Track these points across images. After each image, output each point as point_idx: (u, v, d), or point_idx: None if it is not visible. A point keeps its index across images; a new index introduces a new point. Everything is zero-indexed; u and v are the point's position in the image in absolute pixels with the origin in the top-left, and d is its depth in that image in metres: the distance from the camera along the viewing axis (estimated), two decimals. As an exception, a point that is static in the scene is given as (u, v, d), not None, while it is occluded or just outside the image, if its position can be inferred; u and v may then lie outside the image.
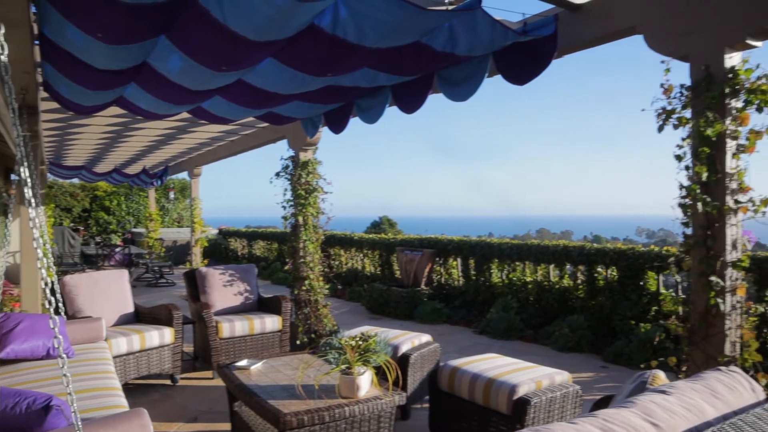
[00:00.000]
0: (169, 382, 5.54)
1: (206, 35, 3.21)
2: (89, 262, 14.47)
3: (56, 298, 4.47)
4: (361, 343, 3.51)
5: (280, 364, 4.16)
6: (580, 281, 7.42)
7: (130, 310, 5.76)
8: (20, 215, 5.61)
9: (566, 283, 7.60)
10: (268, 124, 6.80)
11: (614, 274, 6.97)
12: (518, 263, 8.27)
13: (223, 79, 4.06)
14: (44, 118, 6.68)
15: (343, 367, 3.47)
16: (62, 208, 19.84)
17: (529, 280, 8.04)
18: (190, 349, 6.43)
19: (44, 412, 2.43)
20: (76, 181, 18.14)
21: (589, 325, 6.80)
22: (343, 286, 11.20)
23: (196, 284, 6.34)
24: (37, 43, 3.71)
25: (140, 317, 5.79)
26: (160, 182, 14.39)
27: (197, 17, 2.98)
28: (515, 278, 8.21)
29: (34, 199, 2.26)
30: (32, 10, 3.19)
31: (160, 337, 5.32)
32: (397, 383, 3.62)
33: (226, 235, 17.83)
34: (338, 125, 5.84)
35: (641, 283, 6.60)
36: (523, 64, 3.84)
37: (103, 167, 13.11)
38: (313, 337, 6.58)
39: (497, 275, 8.58)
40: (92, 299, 5.48)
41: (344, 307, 9.88)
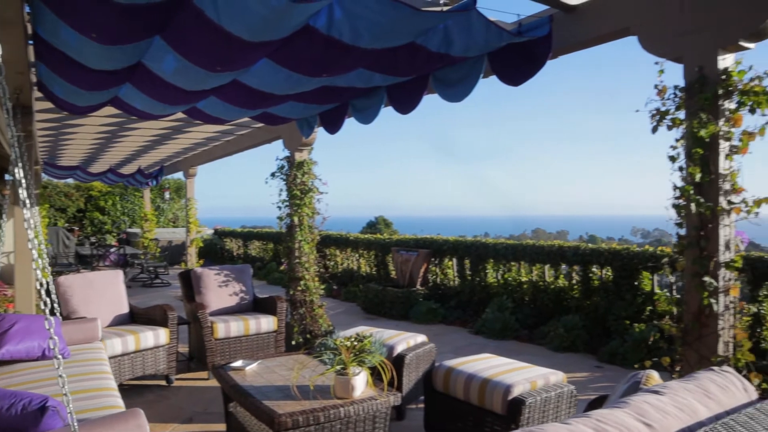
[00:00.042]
0: (164, 382, 5.53)
1: (201, 36, 3.21)
2: (84, 262, 14.42)
3: (51, 299, 4.47)
4: (356, 343, 3.52)
5: (275, 364, 4.16)
6: (575, 281, 7.45)
7: (125, 310, 5.75)
8: (14, 216, 5.59)
9: (561, 283, 7.62)
10: (263, 124, 6.80)
11: (609, 274, 6.99)
12: (513, 263, 8.28)
13: (218, 79, 4.06)
14: (38, 118, 6.66)
15: (338, 367, 3.47)
16: (57, 208, 19.77)
17: (524, 280, 8.06)
18: (185, 349, 6.42)
19: (40, 413, 2.42)
20: (70, 181, 18.07)
21: (584, 325, 6.82)
22: (338, 286, 11.20)
23: (191, 285, 6.33)
24: (31, 43, 3.70)
25: (135, 318, 5.78)
26: (155, 182, 14.35)
27: (192, 17, 2.98)
28: (510, 278, 8.23)
29: (28, 199, 2.25)
30: (26, 9, 3.18)
31: (155, 337, 5.31)
32: (392, 384, 3.62)
33: (221, 235, 17.78)
34: (333, 125, 5.84)
35: (636, 283, 6.63)
36: (518, 64, 3.86)
37: (97, 167, 13.07)
38: (308, 337, 6.58)
39: (492, 275, 8.60)
40: (87, 300, 5.47)
41: (340, 307, 9.88)
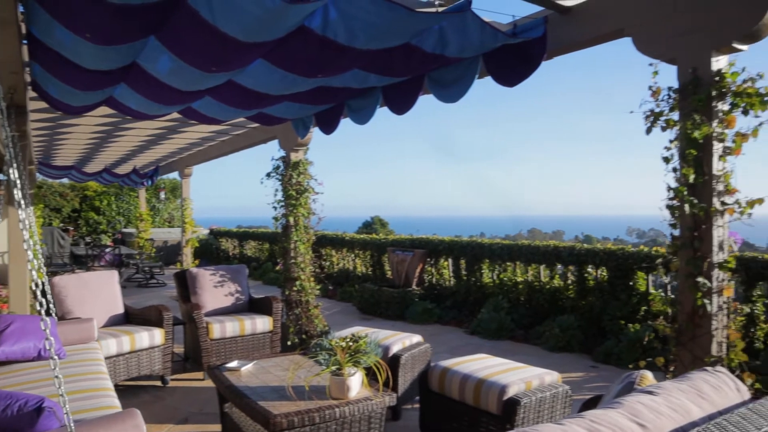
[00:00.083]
0: (159, 383, 5.52)
1: (196, 36, 3.21)
2: (79, 262, 14.38)
3: (47, 299, 4.46)
4: (351, 344, 3.52)
5: (270, 365, 4.16)
6: (570, 281, 7.47)
7: (120, 311, 5.73)
8: (9, 216, 5.57)
9: (557, 283, 7.64)
10: (258, 124, 6.79)
11: (604, 274, 7.02)
12: (509, 263, 8.30)
13: (213, 79, 4.06)
14: (33, 117, 6.64)
15: (333, 368, 3.47)
16: (52, 208, 19.69)
17: (519, 280, 8.07)
18: (180, 350, 6.40)
19: (36, 413, 2.41)
20: (65, 180, 18.02)
21: (579, 325, 6.84)
22: (334, 286, 11.19)
23: (186, 285, 6.31)
24: (25, 42, 3.69)
25: (130, 318, 5.76)
26: (150, 182, 14.32)
27: (187, 18, 2.97)
28: (506, 278, 8.24)
29: (23, 200, 2.24)
30: (20, 9, 3.17)
31: (150, 338, 5.30)
32: (387, 384, 3.62)
33: (217, 235, 17.74)
34: (329, 126, 5.85)
35: (631, 283, 6.65)
36: (513, 65, 3.88)
37: (93, 167, 13.03)
38: (304, 337, 6.57)
39: (488, 275, 8.61)
40: (82, 300, 5.45)
41: (335, 307, 9.88)
